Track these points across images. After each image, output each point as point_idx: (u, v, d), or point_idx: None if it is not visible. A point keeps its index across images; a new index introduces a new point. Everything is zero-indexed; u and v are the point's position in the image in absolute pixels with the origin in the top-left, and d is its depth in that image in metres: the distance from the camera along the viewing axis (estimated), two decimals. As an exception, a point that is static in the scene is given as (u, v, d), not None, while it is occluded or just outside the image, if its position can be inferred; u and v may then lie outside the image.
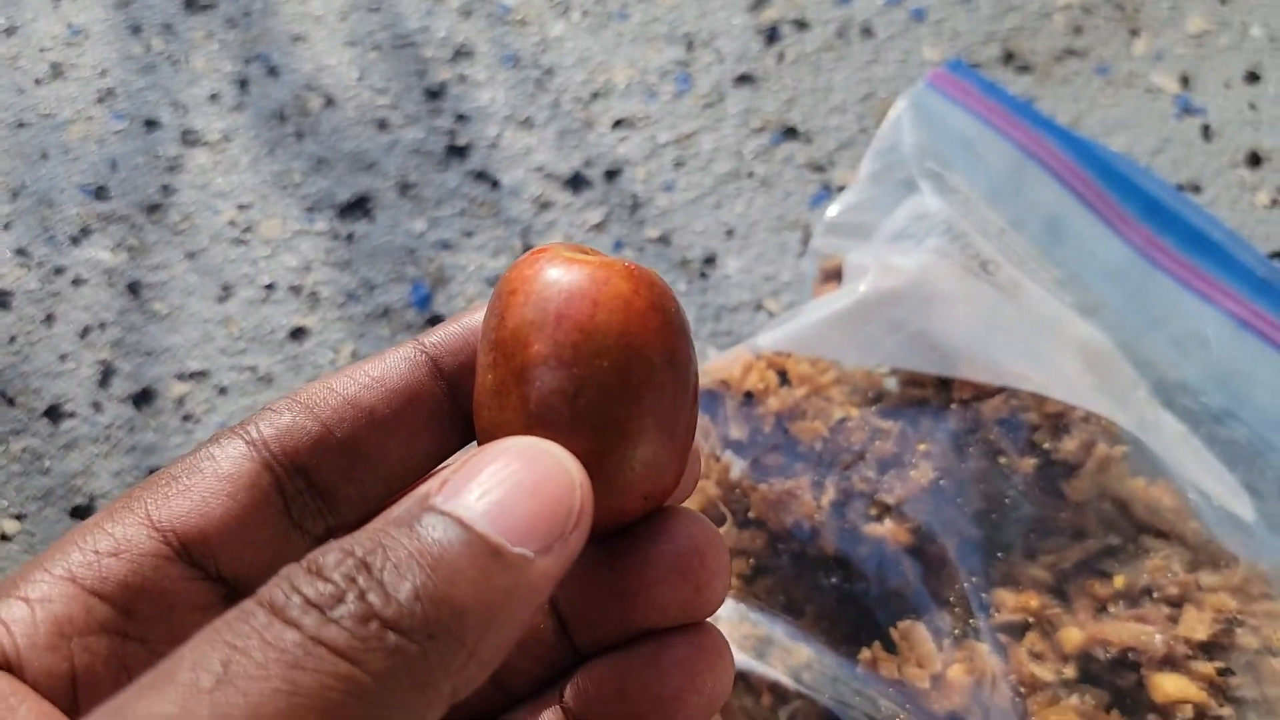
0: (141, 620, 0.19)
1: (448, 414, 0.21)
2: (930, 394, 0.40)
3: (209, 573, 0.19)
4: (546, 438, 0.18)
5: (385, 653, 0.14)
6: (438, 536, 0.15)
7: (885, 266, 0.41)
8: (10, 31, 0.59)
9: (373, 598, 0.15)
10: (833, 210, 0.46)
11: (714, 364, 0.42)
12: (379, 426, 0.20)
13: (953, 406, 0.40)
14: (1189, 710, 0.35)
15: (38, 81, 0.58)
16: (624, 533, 0.20)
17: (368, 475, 0.21)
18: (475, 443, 0.22)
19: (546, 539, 0.16)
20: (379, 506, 0.21)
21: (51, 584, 0.18)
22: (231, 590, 0.20)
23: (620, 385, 0.18)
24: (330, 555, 0.15)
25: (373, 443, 0.20)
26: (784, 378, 0.41)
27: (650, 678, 0.20)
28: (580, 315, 0.19)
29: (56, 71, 0.58)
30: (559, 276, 0.19)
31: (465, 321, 0.22)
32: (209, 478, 0.20)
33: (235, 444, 0.20)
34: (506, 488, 0.16)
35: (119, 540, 0.19)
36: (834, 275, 0.44)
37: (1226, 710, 0.35)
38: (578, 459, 0.18)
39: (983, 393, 0.40)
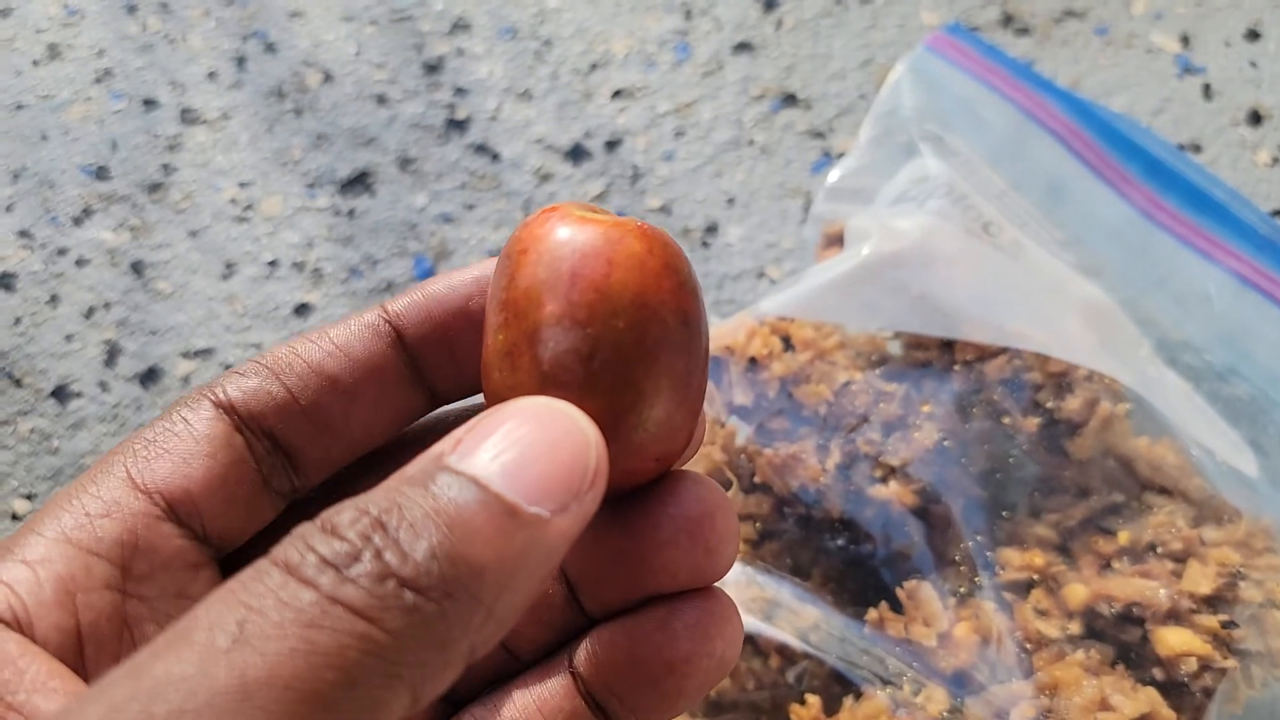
0: (139, 578, 0.19)
1: (409, 382, 0.22)
2: (933, 356, 0.41)
3: (196, 532, 0.20)
4: (560, 399, 0.18)
5: (403, 611, 0.14)
6: (453, 495, 0.15)
7: (887, 230, 0.41)
8: (6, 13, 0.59)
9: (389, 556, 0.15)
10: (834, 175, 0.46)
11: (718, 330, 0.43)
12: (342, 394, 0.21)
13: (956, 368, 0.40)
14: (1193, 663, 0.35)
15: (35, 63, 0.58)
16: (632, 496, 0.20)
17: (331, 441, 0.21)
18: (447, 406, 0.23)
19: (562, 499, 0.16)
20: (344, 469, 0.22)
21: (49, 545, 0.19)
22: (216, 550, 0.20)
23: (636, 346, 0.18)
24: (345, 514, 0.15)
25: (336, 410, 0.21)
26: (787, 343, 0.42)
27: (660, 641, 0.20)
28: (595, 275, 0.18)
29: (54, 53, 0.58)
30: (571, 235, 0.19)
31: (429, 290, 0.22)
32: (186, 439, 0.20)
33: (205, 406, 0.20)
34: (521, 447, 0.16)
35: (107, 502, 0.19)
36: (836, 240, 0.44)
37: (1230, 662, 0.35)
38: (592, 420, 0.17)
39: (986, 353, 0.40)
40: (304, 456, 0.21)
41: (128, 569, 0.19)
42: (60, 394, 0.50)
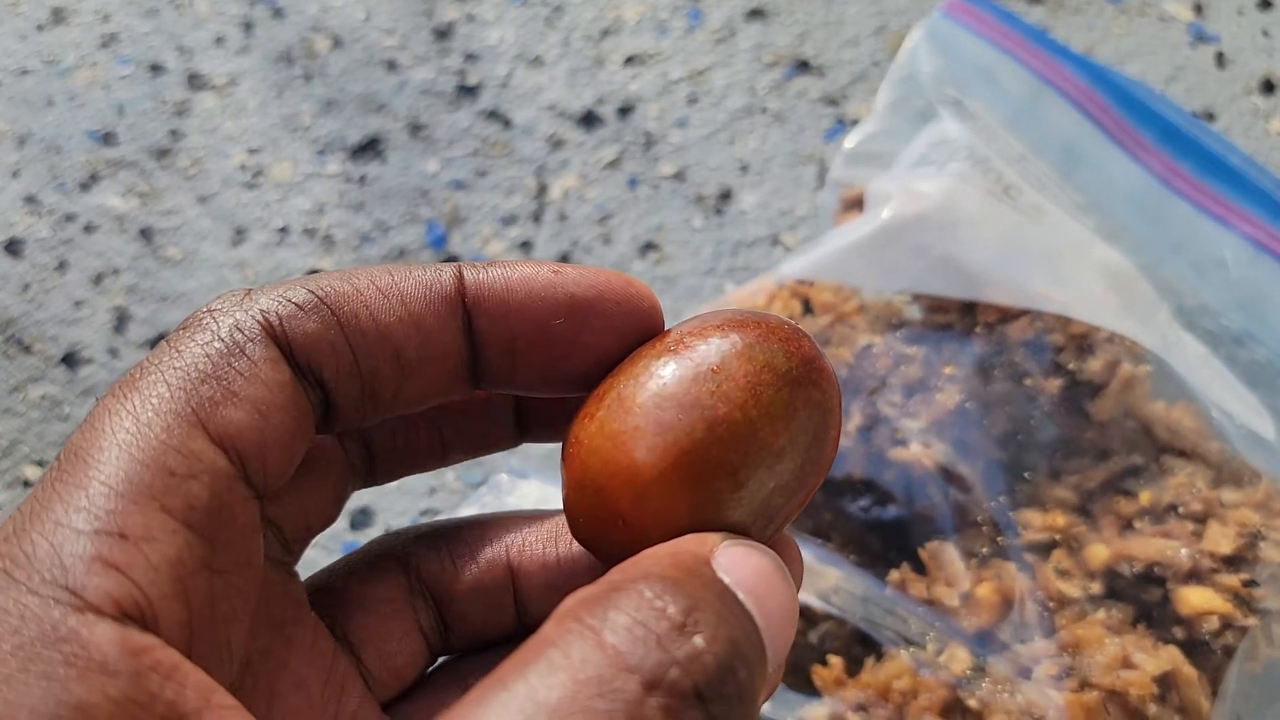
0: (221, 549, 0.17)
1: (464, 369, 0.20)
2: (954, 319, 0.41)
3: (258, 491, 0.18)
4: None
5: None
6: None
7: (909, 192, 0.41)
8: (9, -23, 0.58)
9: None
10: (851, 140, 0.46)
11: (737, 294, 0.42)
12: (401, 368, 0.19)
13: (977, 330, 0.40)
14: (1215, 621, 0.35)
15: (39, 27, 0.57)
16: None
17: (370, 408, 0.20)
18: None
19: (780, 666, 0.18)
20: (363, 428, 0.21)
21: (148, 517, 0.16)
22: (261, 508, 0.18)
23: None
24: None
25: (388, 380, 0.19)
26: (807, 306, 0.42)
27: None
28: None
29: (58, 17, 0.57)
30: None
31: (514, 285, 0.20)
32: (257, 385, 0.17)
33: (264, 340, 0.18)
34: (778, 618, 0.17)
35: (188, 458, 0.16)
36: (855, 204, 0.44)
37: (1251, 620, 0.36)
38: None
39: (1008, 315, 0.40)
40: (336, 417, 0.19)
41: (213, 541, 0.16)
42: (70, 360, 0.49)
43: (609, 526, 0.18)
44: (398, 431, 0.22)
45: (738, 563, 0.17)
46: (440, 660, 0.23)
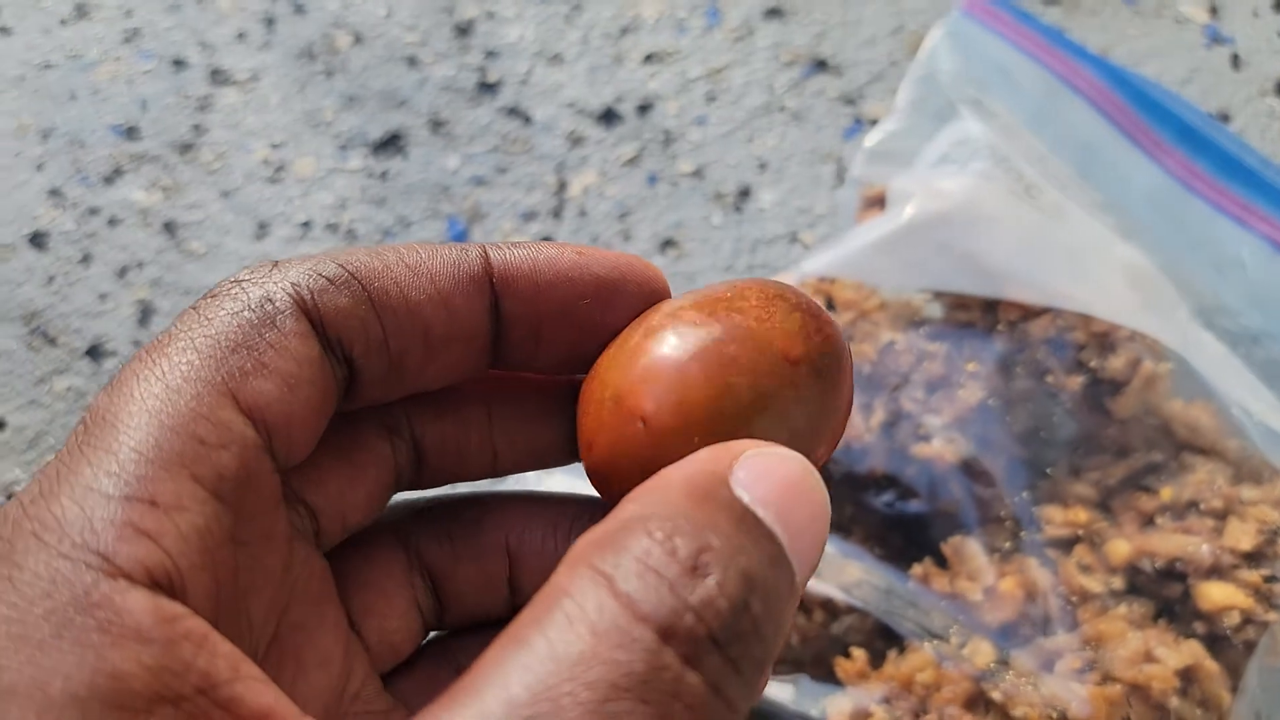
0: (245, 520, 0.17)
1: (489, 347, 0.20)
2: (976, 317, 0.41)
3: (280, 464, 0.18)
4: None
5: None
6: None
7: (930, 191, 0.41)
8: (31, -28, 0.58)
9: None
10: (872, 139, 0.46)
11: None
12: (428, 346, 0.19)
13: (999, 328, 0.40)
14: (1236, 616, 0.36)
15: (63, 22, 0.57)
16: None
17: (395, 383, 0.20)
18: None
19: (813, 571, 0.17)
20: (384, 403, 0.21)
21: (178, 485, 0.15)
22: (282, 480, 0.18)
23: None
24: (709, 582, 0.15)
25: (415, 357, 0.19)
26: (830, 303, 0.42)
27: None
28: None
29: (81, 12, 0.57)
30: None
31: (542, 267, 0.20)
32: (287, 358, 0.17)
33: (295, 313, 0.18)
34: (810, 532, 0.17)
35: (219, 427, 0.16)
36: (876, 203, 0.44)
37: (1272, 616, 0.36)
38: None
39: (1029, 313, 0.40)
40: (359, 394, 0.19)
41: (240, 512, 0.16)
42: (94, 353, 0.50)
43: (627, 435, 0.18)
44: (450, 437, 0.22)
45: (760, 476, 0.16)
46: (431, 635, 0.23)
